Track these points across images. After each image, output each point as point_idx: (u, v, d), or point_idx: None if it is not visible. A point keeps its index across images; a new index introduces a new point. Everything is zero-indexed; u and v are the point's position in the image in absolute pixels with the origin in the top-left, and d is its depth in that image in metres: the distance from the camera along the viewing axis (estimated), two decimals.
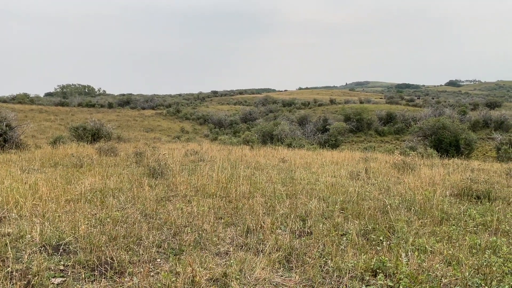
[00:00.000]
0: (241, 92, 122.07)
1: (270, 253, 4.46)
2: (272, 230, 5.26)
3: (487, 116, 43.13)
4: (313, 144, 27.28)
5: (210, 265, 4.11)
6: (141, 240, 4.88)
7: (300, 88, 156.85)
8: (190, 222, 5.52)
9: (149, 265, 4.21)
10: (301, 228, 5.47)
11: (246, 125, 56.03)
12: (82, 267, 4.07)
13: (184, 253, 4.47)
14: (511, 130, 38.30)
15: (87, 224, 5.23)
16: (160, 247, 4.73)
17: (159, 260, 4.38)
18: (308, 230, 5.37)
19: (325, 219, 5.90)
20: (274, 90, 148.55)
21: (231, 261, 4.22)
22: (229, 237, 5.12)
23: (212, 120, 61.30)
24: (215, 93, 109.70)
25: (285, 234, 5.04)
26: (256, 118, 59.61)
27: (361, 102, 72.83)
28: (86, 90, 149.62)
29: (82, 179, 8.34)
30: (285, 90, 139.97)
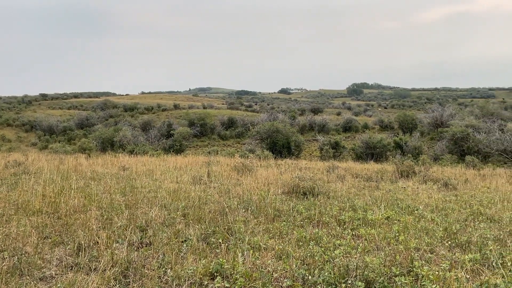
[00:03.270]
0: (76, 96, 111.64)
1: (104, 270, 4.14)
2: (108, 245, 4.91)
3: (312, 121, 48.94)
4: (157, 150, 26.74)
5: None
6: None
7: (143, 93, 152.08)
8: (8, 246, 4.75)
9: None
10: (140, 239, 5.25)
11: (82, 132, 51.57)
12: None
13: None
14: (331, 132, 44.27)
15: None
16: None
17: None
18: (148, 241, 5.19)
19: (166, 227, 5.80)
20: (114, 94, 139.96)
21: (58, 285, 3.77)
22: (56, 258, 4.57)
23: (41, 127, 54.36)
24: (44, 96, 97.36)
25: (123, 247, 4.75)
26: (95, 124, 55.41)
27: (204, 108, 74.48)
28: None
29: None
30: (127, 94, 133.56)
